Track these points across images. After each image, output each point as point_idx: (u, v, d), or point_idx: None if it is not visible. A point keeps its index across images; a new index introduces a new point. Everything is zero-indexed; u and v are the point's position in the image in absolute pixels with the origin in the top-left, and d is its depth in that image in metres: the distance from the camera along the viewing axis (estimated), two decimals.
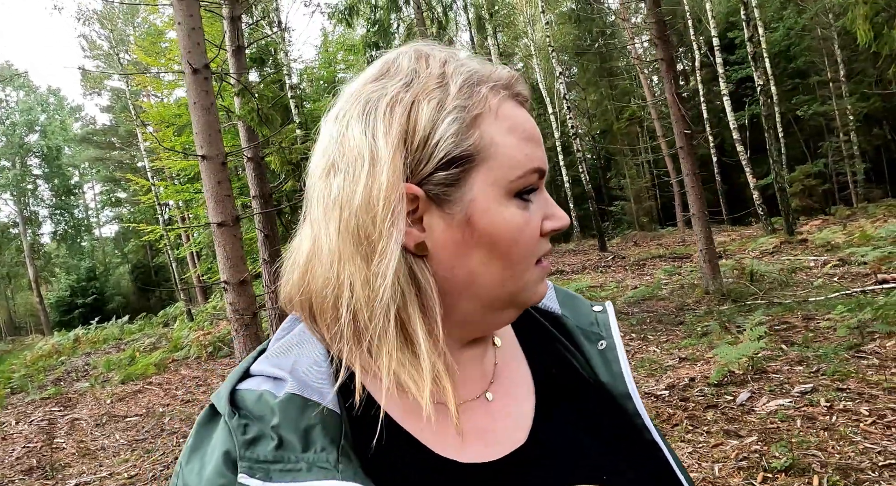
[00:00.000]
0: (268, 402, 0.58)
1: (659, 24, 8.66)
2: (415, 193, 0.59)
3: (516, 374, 0.73)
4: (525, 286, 0.64)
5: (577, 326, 0.79)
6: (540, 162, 0.62)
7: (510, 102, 0.62)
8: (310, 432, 0.57)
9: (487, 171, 0.60)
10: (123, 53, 26.59)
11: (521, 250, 0.61)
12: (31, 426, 6.91)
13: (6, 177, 37.44)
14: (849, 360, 4.81)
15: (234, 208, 5.10)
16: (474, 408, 0.67)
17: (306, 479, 0.54)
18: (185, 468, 0.59)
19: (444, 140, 0.58)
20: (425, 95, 0.59)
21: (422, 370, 0.59)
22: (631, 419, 0.72)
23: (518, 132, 0.61)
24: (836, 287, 8.19)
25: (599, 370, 0.75)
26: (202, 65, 5.00)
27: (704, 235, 8.62)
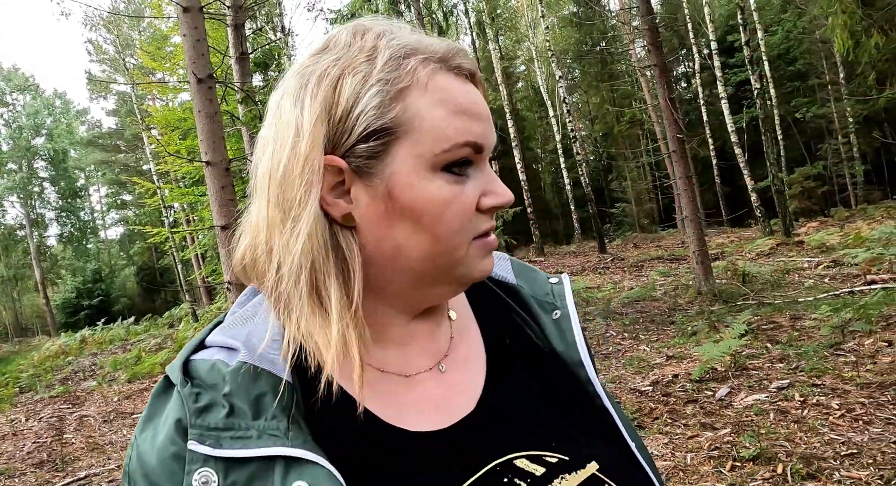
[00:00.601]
0: (220, 371, 0.60)
1: (652, 30, 8.85)
2: (338, 165, 0.60)
3: (470, 345, 0.74)
4: (459, 262, 0.64)
5: (533, 296, 0.80)
6: (474, 136, 0.61)
7: (445, 75, 0.62)
8: (260, 400, 0.58)
9: (411, 144, 0.60)
10: (129, 57, 26.88)
11: (448, 224, 0.61)
12: (41, 422, 7.14)
13: (13, 180, 37.91)
14: (827, 357, 4.99)
15: (237, 212, 5.30)
16: (427, 379, 0.68)
17: (256, 446, 0.56)
18: (139, 437, 0.61)
19: (365, 113, 0.59)
20: (352, 69, 0.60)
21: (330, 335, 0.60)
22: (583, 386, 0.73)
23: (449, 105, 0.60)
24: (826, 288, 8.36)
25: (554, 339, 0.76)
26: (206, 75, 5.22)
27: (697, 237, 8.80)
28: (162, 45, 18.59)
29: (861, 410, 3.83)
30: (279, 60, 18.05)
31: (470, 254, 0.64)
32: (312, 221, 0.59)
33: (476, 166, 0.63)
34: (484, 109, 0.63)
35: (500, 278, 0.81)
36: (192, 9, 5.25)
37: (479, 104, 0.63)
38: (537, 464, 0.64)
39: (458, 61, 0.63)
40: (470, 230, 0.63)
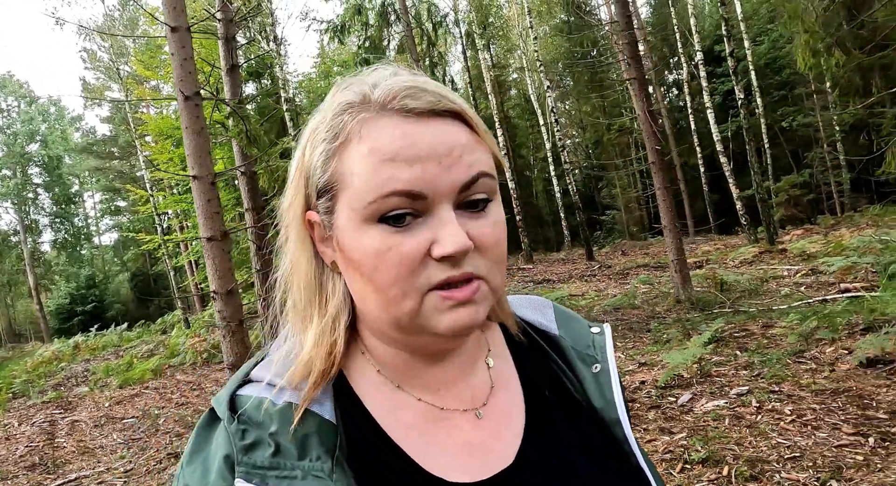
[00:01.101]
0: (266, 409, 0.61)
1: (631, 44, 9.10)
2: (311, 219, 0.65)
3: (509, 394, 0.73)
4: (414, 315, 0.61)
5: (573, 347, 0.78)
6: (405, 184, 0.58)
7: (387, 121, 0.60)
8: (306, 440, 0.60)
9: (346, 198, 0.61)
10: (123, 65, 27.06)
11: (385, 276, 0.60)
12: (33, 427, 7.31)
13: (7, 186, 38.01)
14: (789, 365, 5.21)
15: (222, 224, 5.51)
16: (463, 424, 0.69)
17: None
18: (185, 468, 0.63)
19: (315, 171, 0.63)
20: (314, 131, 0.64)
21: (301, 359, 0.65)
22: (620, 444, 0.72)
23: (377, 154, 0.59)
24: (801, 296, 8.59)
25: (592, 394, 0.75)
26: (193, 92, 5.42)
27: (675, 246, 9.04)
28: (156, 54, 18.78)
29: (811, 415, 4.05)
30: (271, 70, 18.28)
31: (427, 306, 0.61)
32: (303, 260, 0.67)
33: (428, 214, 0.60)
34: (430, 148, 0.59)
35: (542, 327, 0.81)
36: (179, 29, 5.45)
37: (419, 146, 0.59)
38: None
39: (400, 103, 0.60)
40: (415, 282, 0.60)
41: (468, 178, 0.60)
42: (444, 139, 0.60)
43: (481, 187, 0.62)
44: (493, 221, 0.63)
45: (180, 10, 5.49)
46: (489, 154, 0.64)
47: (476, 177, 0.61)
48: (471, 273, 0.61)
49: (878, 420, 3.74)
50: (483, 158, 0.62)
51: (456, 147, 0.60)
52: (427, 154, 0.59)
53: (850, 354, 5.18)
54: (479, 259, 0.62)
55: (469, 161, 0.61)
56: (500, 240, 0.63)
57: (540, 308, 0.83)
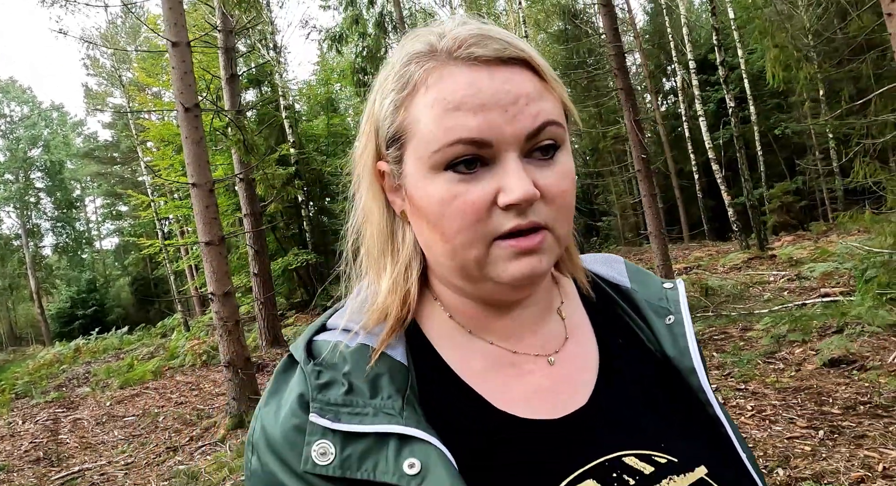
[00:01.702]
0: (341, 351, 0.65)
1: (618, 56, 9.38)
2: (382, 169, 0.67)
3: (581, 344, 0.74)
4: (480, 263, 0.63)
5: (647, 300, 0.79)
6: (469, 132, 0.59)
7: (451, 69, 0.61)
8: (377, 380, 0.62)
9: (413, 147, 0.62)
10: (126, 72, 27.38)
11: (452, 223, 0.61)
12: (37, 425, 7.57)
13: (9, 190, 38.30)
14: (759, 365, 5.47)
15: (220, 229, 5.79)
16: (535, 370, 0.70)
17: (372, 423, 0.59)
18: (262, 409, 0.66)
19: (384, 122, 0.65)
20: (382, 83, 0.66)
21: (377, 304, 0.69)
22: (695, 394, 0.72)
23: (442, 103, 0.60)
24: (782, 301, 8.85)
25: (666, 344, 0.75)
26: (192, 104, 5.71)
27: (661, 252, 9.31)
28: (157, 61, 19.10)
29: (770, 411, 4.31)
30: (271, 77, 18.59)
31: (493, 255, 0.62)
32: (374, 210, 0.70)
33: (495, 162, 0.61)
34: (495, 97, 0.59)
35: (615, 280, 0.82)
36: (180, 43, 5.75)
37: (483, 94, 0.59)
38: (646, 463, 0.64)
39: (466, 51, 0.61)
40: (482, 230, 0.61)
41: (534, 127, 0.60)
42: (510, 88, 0.60)
43: (547, 135, 0.61)
44: (560, 171, 0.63)
45: (181, 26, 5.78)
46: (557, 102, 0.64)
47: (542, 126, 0.61)
48: (537, 222, 0.61)
49: (832, 415, 4.00)
50: (550, 107, 0.62)
51: (522, 96, 0.60)
52: (493, 102, 0.59)
53: (818, 354, 5.45)
54: (545, 209, 0.62)
55: (535, 110, 0.60)
56: (567, 190, 0.63)
57: (611, 263, 0.84)
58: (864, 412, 3.95)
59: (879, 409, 3.93)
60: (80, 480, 5.10)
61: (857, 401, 4.12)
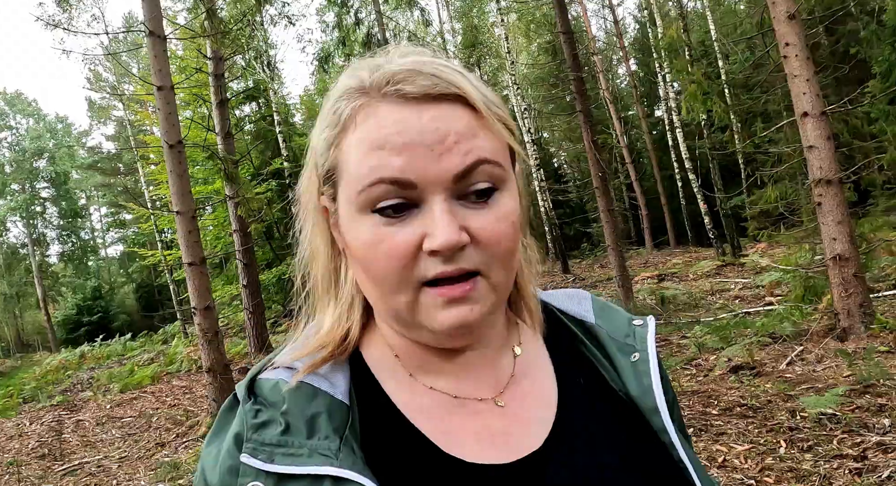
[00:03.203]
0: (280, 389, 0.62)
1: (577, 80, 10.13)
2: (323, 204, 0.66)
3: (538, 382, 0.72)
4: (410, 309, 0.61)
5: (612, 337, 0.76)
6: (391, 172, 0.56)
7: (381, 106, 0.59)
8: (315, 419, 0.60)
9: (343, 186, 0.61)
10: (127, 85, 28.25)
11: (378, 268, 0.59)
12: (43, 425, 8.35)
13: (16, 200, 39.17)
14: (678, 370, 6.18)
15: (201, 251, 6.56)
16: (484, 411, 0.67)
17: (306, 464, 0.57)
18: (204, 450, 0.65)
19: (320, 157, 0.63)
20: (321, 115, 0.64)
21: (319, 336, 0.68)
22: (657, 434, 0.69)
23: (367, 142, 0.58)
24: (732, 308, 9.56)
25: (629, 383, 0.72)
26: (176, 141, 6.49)
27: (618, 263, 10.05)
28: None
29: None
30: (265, 94, 19.41)
31: (422, 302, 0.60)
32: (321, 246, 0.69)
33: (424, 204, 0.58)
34: (421, 135, 0.56)
35: (579, 316, 0.79)
36: (164, 88, 6.54)
37: (409, 132, 0.57)
38: None
39: (395, 88, 0.58)
40: (408, 276, 0.59)
41: (463, 166, 0.57)
42: (438, 126, 0.57)
43: (481, 176, 0.58)
44: (497, 214, 0.59)
45: (165, 72, 6.58)
46: (495, 139, 0.60)
47: (473, 165, 0.57)
48: (466, 269, 0.58)
49: (710, 415, 4.70)
50: (485, 145, 0.58)
51: (450, 134, 0.57)
52: (418, 141, 0.56)
53: (729, 361, 6.16)
54: (478, 254, 0.59)
55: (466, 148, 0.57)
56: (504, 233, 0.59)
57: (577, 299, 0.82)
58: (737, 412, 4.65)
59: (750, 410, 4.63)
60: (79, 471, 5.88)
61: (736, 403, 4.82)
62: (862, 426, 3.91)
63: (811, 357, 5.54)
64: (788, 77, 5.90)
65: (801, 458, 3.62)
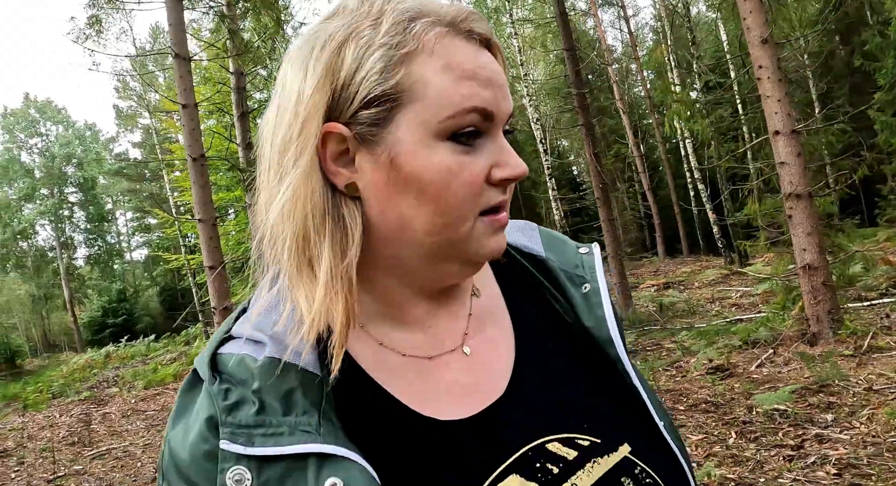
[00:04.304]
0: (248, 366, 0.59)
1: (579, 96, 10.59)
2: (340, 131, 0.59)
3: (497, 324, 0.72)
4: (466, 238, 0.61)
5: (562, 269, 0.76)
6: (482, 101, 0.58)
7: (455, 39, 0.59)
8: (290, 395, 0.58)
9: (415, 110, 0.58)
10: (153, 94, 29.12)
11: (454, 196, 0.59)
12: (72, 418, 8.98)
13: (45, 204, 40.40)
14: (660, 372, 6.60)
15: (220, 256, 7.11)
16: (451, 362, 0.68)
17: (288, 443, 0.55)
18: (170, 433, 0.61)
19: (367, 79, 0.58)
20: (356, 34, 0.59)
21: (312, 301, 0.58)
22: (613, 363, 0.71)
23: (456, 70, 0.58)
24: (726, 315, 9.92)
25: (583, 315, 0.72)
26: (199, 155, 7.05)
27: (618, 271, 10.45)
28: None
29: None
30: None
31: (477, 229, 0.62)
32: (310, 185, 0.59)
33: (487, 136, 0.61)
34: (496, 74, 0.60)
35: (528, 250, 0.78)
36: (189, 105, 7.12)
37: (489, 69, 0.60)
38: (570, 447, 0.64)
39: (469, 25, 0.60)
40: (477, 204, 0.61)
41: (512, 109, 0.62)
42: (499, 70, 0.62)
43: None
44: None
45: (190, 91, 7.15)
46: None
47: (513, 110, 0.63)
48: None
49: (676, 411, 5.14)
50: None
51: (505, 79, 0.62)
52: (494, 79, 0.60)
53: (711, 362, 6.57)
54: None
55: (509, 95, 0.62)
56: None
57: (526, 231, 0.81)
58: (701, 408, 5.08)
59: (713, 406, 5.06)
60: (107, 456, 6.47)
61: (703, 400, 5.25)
62: (808, 421, 4.33)
63: (780, 360, 5.94)
64: (762, 97, 6.30)
65: (745, 447, 4.06)
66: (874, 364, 5.34)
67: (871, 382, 4.90)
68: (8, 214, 39.82)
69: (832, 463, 3.53)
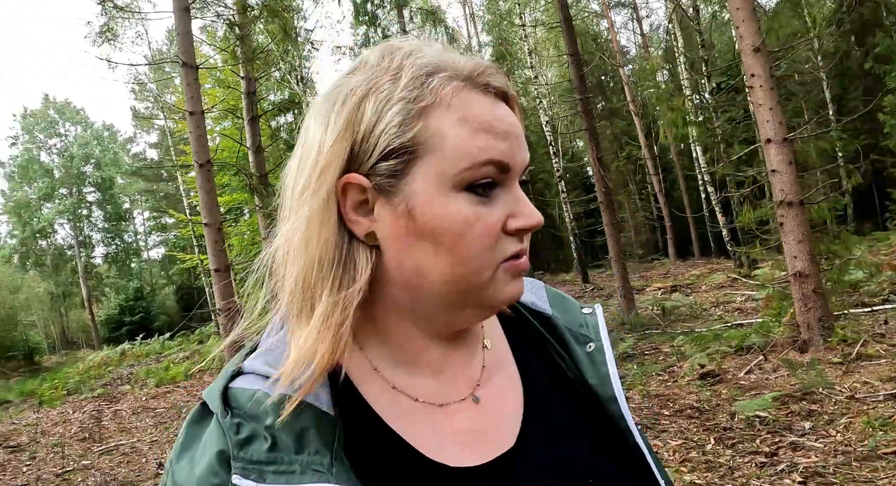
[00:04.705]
0: (262, 402, 0.59)
1: (583, 100, 10.69)
2: (360, 182, 0.61)
3: (506, 376, 0.74)
4: (485, 286, 0.63)
5: (567, 327, 0.79)
6: (498, 154, 0.61)
7: (472, 93, 0.62)
8: (304, 434, 0.58)
9: (432, 162, 0.60)
10: (170, 95, 29.55)
11: (470, 245, 0.61)
12: (84, 414, 9.25)
13: (64, 204, 41.11)
14: (653, 375, 6.70)
15: (226, 259, 7.33)
16: (462, 409, 0.69)
17: (300, 481, 0.56)
18: (175, 465, 0.61)
19: (387, 131, 0.60)
20: (376, 88, 0.61)
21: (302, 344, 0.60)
22: (616, 421, 0.73)
23: (472, 123, 0.60)
24: (728, 320, 9.98)
25: (587, 372, 0.75)
26: (205, 161, 7.27)
27: (621, 275, 10.55)
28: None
29: None
30: (299, 105, 20.30)
31: (497, 278, 0.63)
32: (323, 234, 0.61)
33: (503, 187, 0.63)
34: (512, 127, 0.63)
35: (535, 307, 0.81)
36: (195, 113, 7.34)
37: (505, 122, 0.62)
38: None
39: (485, 79, 0.63)
40: (495, 253, 0.62)
41: (529, 160, 0.65)
42: (516, 122, 0.64)
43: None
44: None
45: (197, 98, 7.37)
46: None
47: (530, 161, 0.66)
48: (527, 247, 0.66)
49: (661, 415, 5.23)
50: None
51: (521, 130, 0.65)
52: (511, 131, 0.62)
53: (703, 367, 6.66)
54: None
55: (526, 146, 0.65)
56: None
57: (533, 289, 0.83)
58: (686, 414, 5.17)
59: (697, 412, 5.16)
60: (114, 452, 6.71)
61: (689, 406, 5.34)
62: (786, 428, 4.43)
63: (769, 367, 6.03)
64: (754, 105, 6.38)
65: (721, 453, 4.17)
66: (861, 372, 5.42)
67: (855, 390, 4.98)
68: (28, 213, 40.56)
69: (799, 471, 3.63)
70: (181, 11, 7.60)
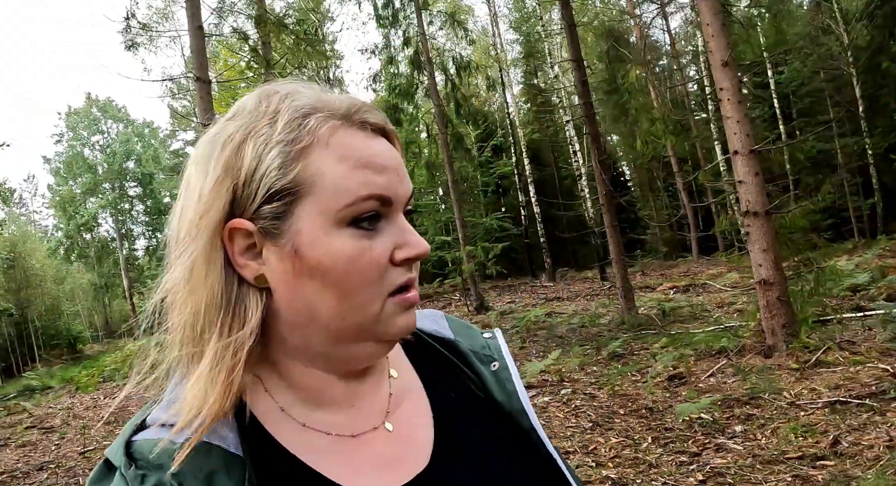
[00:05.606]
0: (166, 450, 0.58)
1: (587, 105, 10.99)
2: (245, 227, 0.61)
3: (415, 402, 0.75)
4: (375, 319, 0.64)
5: (471, 349, 0.81)
6: (378, 188, 0.62)
7: (349, 131, 0.63)
8: (213, 477, 0.58)
9: (314, 201, 0.60)
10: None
11: (356, 279, 0.61)
12: (115, 400, 9.99)
13: (107, 198, 42.87)
14: (627, 376, 7.04)
15: None
16: (376, 438, 0.70)
17: None
18: None
19: (268, 174, 0.60)
20: (254, 133, 0.61)
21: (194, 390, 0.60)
22: (527, 434, 0.75)
23: (350, 160, 0.61)
24: (721, 322, 10.20)
25: (493, 390, 0.78)
26: None
27: (621, 276, 10.85)
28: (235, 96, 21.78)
29: (585, 408, 5.91)
30: None
31: (386, 311, 0.64)
32: (208, 281, 0.61)
33: (387, 219, 0.64)
34: (391, 161, 0.64)
35: (437, 334, 0.83)
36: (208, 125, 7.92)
37: (383, 157, 0.63)
38: None
39: (362, 117, 0.64)
40: (382, 285, 0.63)
41: (411, 191, 0.67)
42: (395, 155, 0.66)
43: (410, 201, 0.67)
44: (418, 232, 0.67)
45: (209, 111, 7.96)
46: None
47: (413, 191, 0.67)
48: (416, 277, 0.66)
49: (617, 414, 5.57)
50: None
51: (401, 163, 0.66)
52: (389, 165, 0.64)
53: (675, 369, 6.98)
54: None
55: (407, 177, 0.67)
56: None
57: (434, 319, 0.86)
58: (640, 413, 5.51)
59: (649, 412, 5.49)
60: None
61: (644, 406, 5.67)
62: (719, 431, 4.79)
63: (729, 371, 6.35)
64: (723, 118, 6.66)
65: (652, 452, 4.55)
66: (813, 379, 5.70)
67: (800, 396, 5.29)
68: (73, 208, 42.43)
69: (704, 471, 4.01)
70: (196, 30, 8.19)
